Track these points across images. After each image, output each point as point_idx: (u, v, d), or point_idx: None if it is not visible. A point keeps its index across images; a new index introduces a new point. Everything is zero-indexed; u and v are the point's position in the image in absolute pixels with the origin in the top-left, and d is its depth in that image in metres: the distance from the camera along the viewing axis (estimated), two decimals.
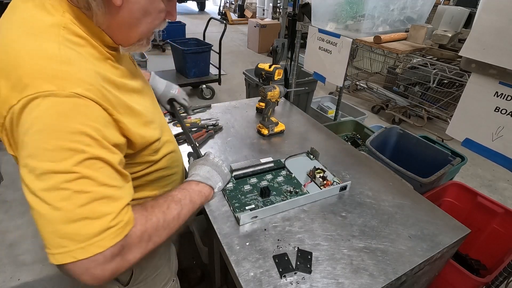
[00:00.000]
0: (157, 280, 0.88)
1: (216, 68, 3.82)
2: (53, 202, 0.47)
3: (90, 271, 0.50)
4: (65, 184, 0.47)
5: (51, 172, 0.47)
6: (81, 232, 0.48)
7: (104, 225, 0.50)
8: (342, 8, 1.58)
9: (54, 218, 0.48)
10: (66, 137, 0.47)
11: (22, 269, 1.72)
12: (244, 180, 1.12)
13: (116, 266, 0.53)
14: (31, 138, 0.47)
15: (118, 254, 0.53)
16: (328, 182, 1.10)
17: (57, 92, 0.46)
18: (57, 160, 0.47)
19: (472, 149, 1.07)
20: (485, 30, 0.93)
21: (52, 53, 0.48)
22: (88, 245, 0.49)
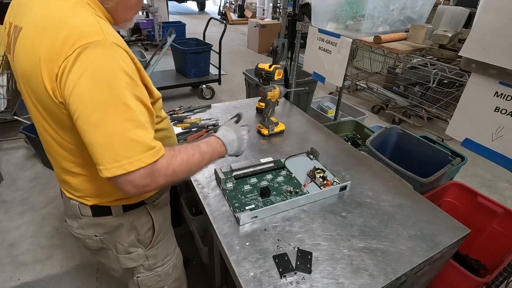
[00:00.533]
0: (170, 242, 1.01)
1: (216, 68, 3.82)
2: (108, 128, 0.60)
3: (133, 182, 0.63)
4: (117, 114, 0.60)
5: (105, 104, 0.59)
6: (130, 151, 0.61)
7: (146, 147, 0.63)
8: (342, 8, 1.58)
9: (110, 141, 0.60)
10: (116, 76, 0.60)
11: (22, 269, 1.72)
12: (244, 180, 1.12)
13: (147, 183, 0.65)
14: (89, 78, 0.58)
15: (150, 174, 0.65)
16: (328, 182, 1.10)
17: (103, 41, 0.59)
18: (110, 95, 0.59)
19: (472, 149, 1.07)
20: (485, 30, 0.93)
21: (90, 18, 0.62)
22: (136, 161, 0.62)
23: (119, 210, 0.83)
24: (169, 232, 1.02)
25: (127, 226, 0.86)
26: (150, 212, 0.90)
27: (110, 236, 0.86)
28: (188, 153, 0.76)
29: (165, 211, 0.99)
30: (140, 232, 0.89)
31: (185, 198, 1.52)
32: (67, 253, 1.82)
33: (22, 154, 2.67)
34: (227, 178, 1.12)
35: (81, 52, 0.57)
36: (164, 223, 0.97)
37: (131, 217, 0.86)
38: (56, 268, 1.73)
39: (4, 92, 2.39)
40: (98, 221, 0.84)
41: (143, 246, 0.91)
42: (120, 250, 0.89)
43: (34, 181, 2.37)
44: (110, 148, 0.60)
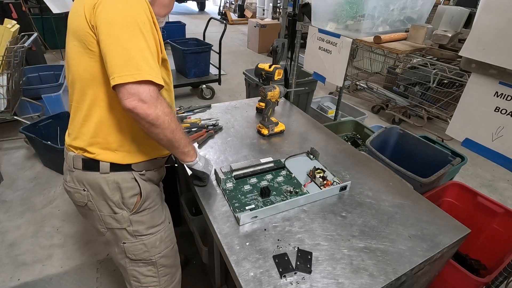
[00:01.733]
0: (156, 214, 1.03)
1: (216, 68, 3.81)
2: (126, 42, 0.73)
3: (140, 94, 0.73)
4: (135, 34, 0.74)
5: (128, 25, 0.74)
6: (141, 66, 0.73)
7: (153, 69, 0.75)
8: (342, 8, 1.58)
9: (126, 52, 0.73)
10: (140, 12, 0.76)
11: (22, 269, 1.72)
12: (244, 180, 1.12)
13: (149, 102, 0.75)
14: (118, 5, 0.74)
15: (156, 96, 0.76)
16: (328, 182, 1.10)
17: None
18: (133, 21, 0.74)
19: (472, 149, 1.07)
20: (485, 30, 0.93)
21: None
22: (145, 73, 0.73)
23: (106, 168, 0.89)
24: (158, 205, 1.04)
25: (112, 185, 0.90)
26: (137, 179, 0.94)
27: (95, 193, 0.92)
28: (177, 122, 0.86)
29: (153, 186, 1.02)
30: (125, 195, 0.93)
31: (185, 198, 1.52)
32: (67, 253, 1.82)
33: (22, 154, 2.67)
34: (227, 178, 1.12)
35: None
36: (152, 193, 1.00)
37: (116, 177, 0.91)
38: (56, 268, 1.73)
39: (4, 92, 2.39)
40: (86, 176, 0.90)
41: (128, 210, 0.95)
42: (105, 209, 0.93)
43: (34, 181, 2.37)
44: (124, 60, 0.72)
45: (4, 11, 3.81)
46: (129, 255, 1.01)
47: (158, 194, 1.05)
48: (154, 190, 1.02)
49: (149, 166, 0.98)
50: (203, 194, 1.07)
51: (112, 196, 0.92)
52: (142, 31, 0.75)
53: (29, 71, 3.15)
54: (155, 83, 0.75)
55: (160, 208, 1.05)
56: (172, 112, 0.83)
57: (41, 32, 4.48)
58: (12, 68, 2.37)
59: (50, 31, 4.92)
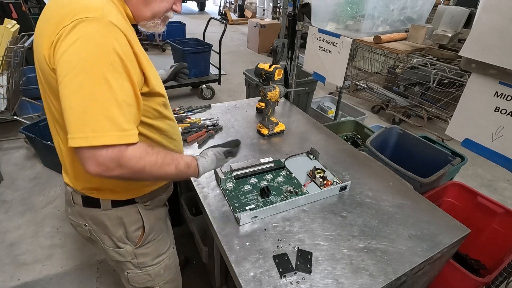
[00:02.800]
0: (162, 243, 0.99)
1: (216, 68, 3.81)
2: (83, 97, 0.61)
3: (97, 159, 0.63)
4: (95, 86, 0.61)
5: (86, 73, 0.61)
6: (98, 125, 0.62)
7: (115, 126, 0.63)
8: (342, 8, 1.58)
9: (81, 110, 0.61)
10: (104, 51, 0.62)
11: (22, 269, 1.72)
12: (244, 180, 1.12)
13: (112, 167, 0.65)
14: (78, 46, 0.61)
15: (117, 158, 0.64)
16: (328, 182, 1.10)
17: (99, 18, 0.62)
18: (94, 66, 0.61)
19: (472, 149, 1.07)
20: (485, 30, 0.93)
21: (99, 1, 0.65)
22: (100, 136, 0.62)
23: (108, 204, 0.84)
24: (163, 233, 1.01)
25: (115, 221, 0.86)
26: (141, 212, 0.89)
27: (98, 228, 0.88)
28: (165, 159, 0.75)
29: (158, 212, 0.97)
30: (129, 229, 0.89)
31: (185, 198, 1.52)
32: (67, 253, 1.82)
33: (22, 154, 2.67)
34: (227, 178, 1.12)
35: (77, 24, 0.61)
36: (157, 224, 0.96)
37: (119, 213, 0.86)
38: (56, 268, 1.73)
39: (4, 92, 2.39)
40: (87, 212, 0.86)
41: (132, 244, 0.91)
42: (109, 243, 0.90)
43: (34, 181, 2.37)
44: (79, 118, 0.61)
45: (4, 11, 3.81)
46: (132, 284, 0.99)
47: (163, 221, 1.01)
48: (159, 218, 0.98)
49: (154, 194, 0.93)
50: (203, 194, 1.07)
51: (115, 231, 0.88)
52: (108, 78, 0.62)
53: (29, 71, 3.14)
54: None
55: (165, 235, 1.02)
56: (153, 153, 0.72)
57: None
58: (12, 68, 2.37)
59: None
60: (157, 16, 0.78)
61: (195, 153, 1.28)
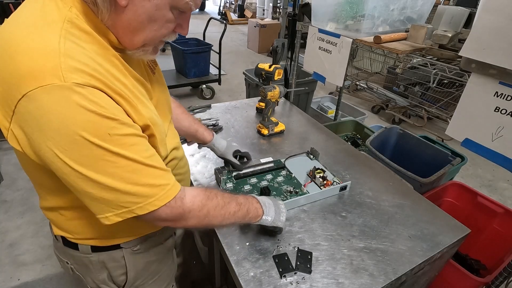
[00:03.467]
0: (154, 286, 0.88)
1: (216, 68, 3.82)
2: (101, 182, 0.53)
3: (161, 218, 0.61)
4: (107, 167, 0.53)
5: (91, 162, 0.52)
6: (139, 195, 0.56)
7: (152, 189, 0.58)
8: (342, 8, 1.58)
9: (108, 194, 0.55)
10: (88, 125, 0.49)
11: (22, 269, 1.72)
12: (244, 180, 1.12)
13: (178, 219, 0.63)
14: (57, 143, 0.49)
15: (180, 214, 0.63)
16: (328, 182, 1.10)
17: (60, 84, 0.47)
18: (94, 151, 0.51)
19: (472, 149, 1.07)
20: (485, 30, 0.93)
21: (51, 48, 0.48)
22: (146, 204, 0.57)
23: (87, 249, 0.75)
24: (157, 275, 0.88)
25: (97, 265, 0.77)
26: (125, 258, 0.78)
27: (80, 268, 0.80)
28: (224, 198, 0.73)
29: (153, 254, 0.84)
30: (113, 274, 0.79)
31: None
32: None
33: None
34: (227, 178, 1.12)
35: (31, 100, 0.46)
36: (148, 268, 0.84)
37: (101, 257, 0.76)
38: (56, 268, 1.73)
39: None
40: (68, 251, 0.77)
41: (117, 287, 0.82)
42: (91, 284, 0.82)
43: None
44: (113, 199, 0.55)
45: (4, 11, 3.81)
46: None
47: (160, 262, 0.88)
48: (153, 260, 0.85)
49: (146, 237, 0.81)
50: None
51: (98, 275, 0.78)
52: (116, 151, 0.52)
53: None
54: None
55: (162, 276, 0.90)
56: (212, 196, 0.69)
57: None
58: None
59: None
60: (148, 44, 0.62)
61: (195, 153, 1.28)
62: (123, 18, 0.55)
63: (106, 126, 0.51)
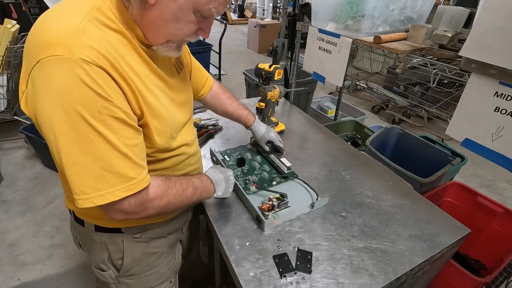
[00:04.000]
0: (152, 278, 0.90)
1: (216, 68, 3.81)
2: (77, 157, 0.55)
3: (121, 210, 0.62)
4: (87, 142, 0.54)
5: (73, 132, 0.53)
6: (100, 183, 0.57)
7: (121, 178, 0.58)
8: (342, 8, 1.58)
9: (78, 171, 0.56)
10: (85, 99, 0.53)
11: (22, 269, 1.72)
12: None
13: (137, 211, 0.64)
14: (51, 100, 0.52)
15: (142, 204, 0.64)
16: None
17: (68, 57, 0.51)
18: (79, 121, 0.53)
19: (472, 149, 1.07)
20: (485, 30, 0.93)
21: (72, 26, 0.53)
22: (106, 193, 0.58)
23: (91, 228, 0.80)
24: (155, 268, 0.89)
25: (99, 244, 0.81)
26: (124, 243, 0.81)
27: (86, 244, 0.86)
28: (182, 185, 0.75)
29: (152, 246, 0.87)
30: (113, 256, 0.83)
31: None
32: (67, 253, 1.82)
33: (22, 154, 2.67)
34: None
35: (40, 67, 0.52)
36: (145, 259, 0.86)
37: (103, 238, 0.81)
38: (56, 268, 1.73)
39: (4, 92, 2.39)
40: (77, 226, 0.83)
41: (115, 269, 0.85)
42: (93, 261, 0.86)
43: (34, 181, 2.37)
44: (78, 178, 0.56)
45: (4, 11, 3.81)
46: None
47: (159, 256, 0.90)
48: (152, 253, 0.87)
49: (148, 227, 0.84)
50: None
51: (100, 254, 0.83)
52: (97, 129, 0.54)
53: None
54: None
55: (161, 269, 0.91)
56: (172, 186, 0.71)
57: None
58: (12, 68, 2.37)
59: None
60: (172, 41, 0.66)
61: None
62: (150, 15, 0.60)
63: (99, 104, 0.54)
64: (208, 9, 0.62)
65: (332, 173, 1.21)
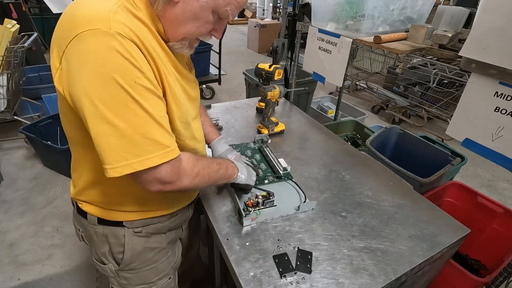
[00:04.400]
0: (151, 273, 0.91)
1: (216, 68, 3.81)
2: (116, 124, 0.57)
3: (159, 179, 0.64)
4: (125, 110, 0.57)
5: (111, 100, 0.56)
6: (140, 149, 0.60)
7: (157, 145, 0.61)
8: (342, 8, 1.58)
9: (117, 138, 0.58)
10: (122, 69, 0.56)
11: (22, 269, 1.72)
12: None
13: (173, 180, 0.67)
14: (90, 70, 0.55)
15: (177, 172, 0.67)
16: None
17: (106, 30, 0.54)
18: (117, 91, 0.56)
19: (472, 149, 1.07)
20: (485, 30, 0.93)
21: (105, 7, 0.57)
22: (145, 159, 0.60)
23: (94, 220, 0.81)
24: (155, 263, 0.90)
25: (100, 237, 0.83)
26: (126, 237, 0.82)
27: (87, 237, 0.87)
28: (208, 160, 0.81)
29: (153, 241, 0.88)
30: (113, 250, 0.84)
31: None
32: (67, 253, 1.82)
33: (22, 154, 2.67)
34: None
35: (79, 40, 0.54)
36: (145, 254, 0.87)
37: (105, 230, 0.82)
38: (56, 268, 1.73)
39: (4, 92, 2.39)
40: (79, 219, 0.85)
41: (116, 263, 0.86)
42: (94, 255, 0.88)
43: (34, 181, 2.37)
44: (118, 146, 0.58)
45: (4, 11, 3.81)
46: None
47: (159, 251, 0.90)
48: (153, 248, 0.88)
49: (149, 222, 0.85)
50: (203, 194, 1.07)
51: (101, 247, 0.84)
52: (134, 98, 0.57)
53: (29, 71, 3.15)
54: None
55: (161, 265, 0.92)
56: (199, 158, 0.75)
57: (41, 32, 4.48)
58: (12, 68, 2.37)
59: (50, 31, 4.89)
60: (187, 39, 0.69)
61: None
62: (173, 11, 0.64)
63: (135, 74, 0.57)
64: (225, 11, 0.65)
65: (332, 173, 1.21)
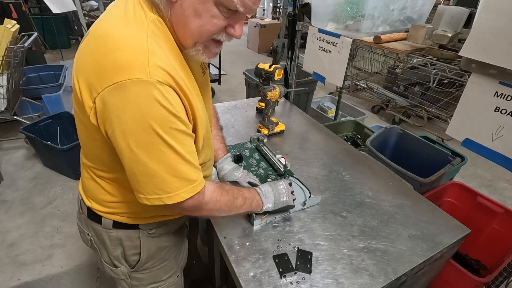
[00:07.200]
0: (162, 271, 0.93)
1: (216, 68, 3.81)
2: (150, 166, 0.62)
3: (180, 209, 0.70)
4: (159, 154, 0.61)
5: (147, 145, 0.60)
6: (169, 186, 0.64)
7: (186, 182, 0.66)
8: (342, 8, 1.58)
9: (151, 176, 0.63)
10: (160, 118, 0.58)
11: (22, 269, 1.72)
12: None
13: (193, 211, 0.72)
14: (129, 118, 0.57)
15: (198, 206, 0.71)
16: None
17: (146, 79, 0.55)
18: (153, 137, 0.59)
19: (472, 149, 1.07)
20: (485, 30, 0.93)
21: (142, 47, 0.57)
22: (174, 195, 0.65)
23: (109, 224, 0.82)
24: (167, 261, 0.93)
25: (114, 241, 0.84)
26: (141, 239, 0.85)
27: (99, 241, 0.87)
28: (234, 194, 0.82)
29: (164, 240, 0.91)
30: (127, 252, 0.85)
31: None
32: (67, 253, 1.82)
33: (22, 154, 2.67)
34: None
35: (120, 88, 0.55)
36: (159, 253, 0.90)
37: (120, 234, 0.83)
38: (56, 268, 1.73)
39: (4, 92, 2.39)
40: (90, 224, 0.85)
41: (128, 265, 0.87)
42: (106, 259, 0.88)
43: (34, 181, 2.37)
44: (150, 183, 0.64)
45: (4, 11, 3.81)
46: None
47: (169, 250, 0.93)
48: (164, 247, 0.91)
49: (162, 223, 0.88)
50: None
51: (114, 250, 0.85)
52: (170, 143, 0.60)
53: (29, 71, 3.15)
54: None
55: (169, 264, 0.94)
56: (225, 193, 0.79)
57: (41, 32, 4.48)
58: (12, 68, 2.37)
59: (50, 31, 4.92)
60: (198, 43, 0.65)
61: None
62: (174, 13, 0.62)
63: (170, 120, 0.60)
64: (230, 2, 0.58)
65: (332, 173, 1.21)
